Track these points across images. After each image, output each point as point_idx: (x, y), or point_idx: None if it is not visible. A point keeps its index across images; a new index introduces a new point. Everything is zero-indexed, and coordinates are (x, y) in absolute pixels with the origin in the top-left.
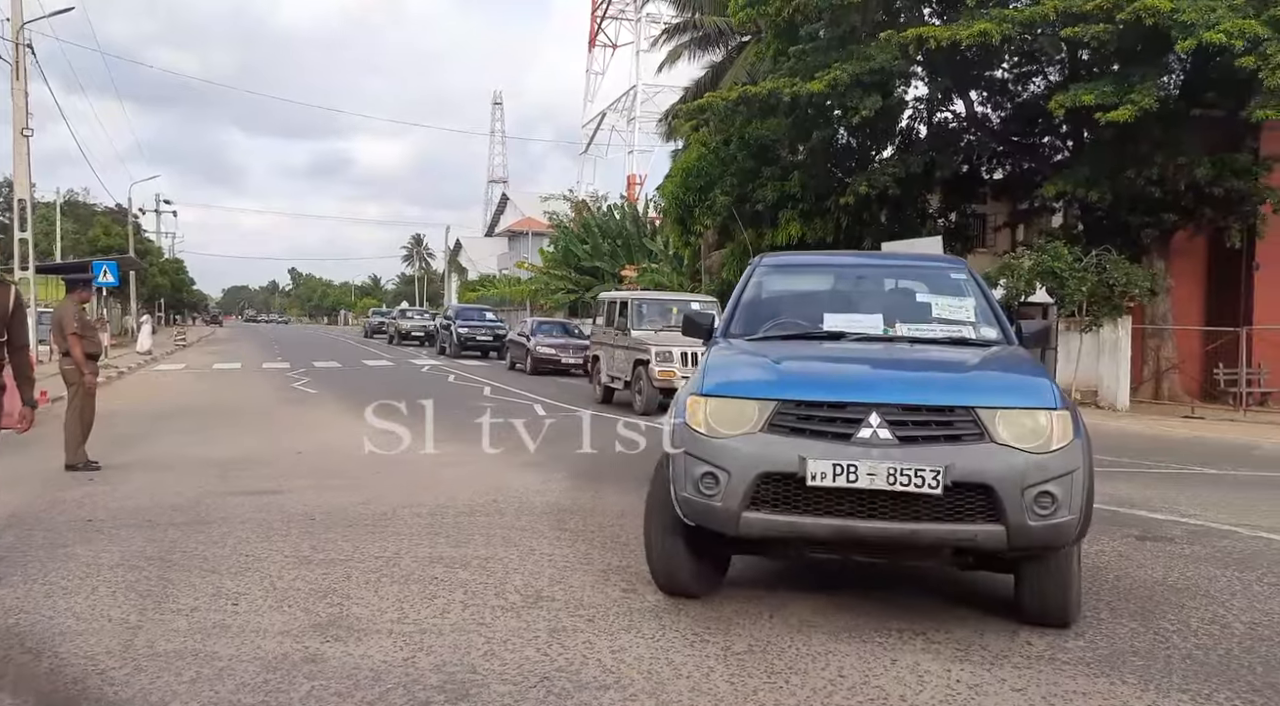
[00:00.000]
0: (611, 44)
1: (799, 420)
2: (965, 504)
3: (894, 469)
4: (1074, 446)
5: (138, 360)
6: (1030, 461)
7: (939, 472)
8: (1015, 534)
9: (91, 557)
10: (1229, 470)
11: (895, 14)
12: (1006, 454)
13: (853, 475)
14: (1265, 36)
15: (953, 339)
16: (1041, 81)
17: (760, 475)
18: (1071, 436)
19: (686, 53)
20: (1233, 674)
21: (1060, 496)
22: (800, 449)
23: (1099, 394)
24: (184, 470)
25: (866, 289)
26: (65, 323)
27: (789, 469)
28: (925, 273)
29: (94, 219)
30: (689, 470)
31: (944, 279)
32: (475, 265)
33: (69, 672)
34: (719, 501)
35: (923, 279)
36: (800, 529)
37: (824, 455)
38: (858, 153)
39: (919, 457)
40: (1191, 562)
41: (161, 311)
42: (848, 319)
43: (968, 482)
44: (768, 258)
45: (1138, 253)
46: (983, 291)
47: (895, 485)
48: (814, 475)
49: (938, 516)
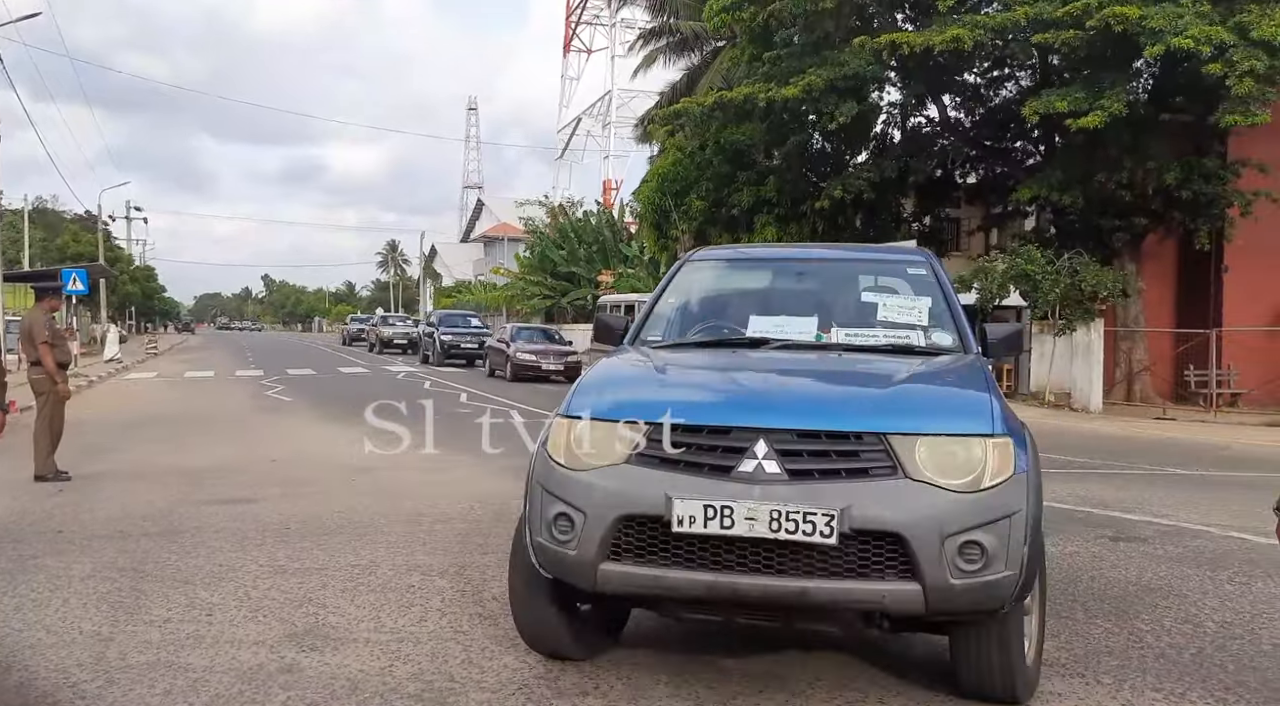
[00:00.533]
0: (586, 49)
1: (673, 448)
2: (869, 556)
3: (778, 512)
4: (1014, 484)
5: (108, 369)
6: (954, 502)
7: (833, 517)
8: (934, 594)
9: (62, 569)
10: (1200, 471)
11: (869, 20)
12: (924, 493)
13: (728, 519)
14: (1231, 43)
15: (895, 346)
16: (1014, 86)
17: (620, 518)
18: (1012, 470)
19: (662, 58)
20: (1205, 672)
21: (992, 547)
22: (669, 485)
23: (1072, 396)
24: (156, 479)
25: (806, 287)
26: (35, 332)
27: (653, 510)
28: (877, 268)
29: (63, 226)
30: (544, 510)
31: (898, 275)
32: (450, 271)
33: (39, 686)
34: (573, 549)
35: (873, 275)
36: (666, 585)
37: (695, 493)
38: (833, 157)
39: (811, 497)
40: (1164, 562)
41: (132, 319)
42: (777, 323)
43: (871, 530)
44: (700, 252)
45: (1109, 256)
46: (943, 290)
47: (780, 532)
48: (680, 519)
49: (835, 572)
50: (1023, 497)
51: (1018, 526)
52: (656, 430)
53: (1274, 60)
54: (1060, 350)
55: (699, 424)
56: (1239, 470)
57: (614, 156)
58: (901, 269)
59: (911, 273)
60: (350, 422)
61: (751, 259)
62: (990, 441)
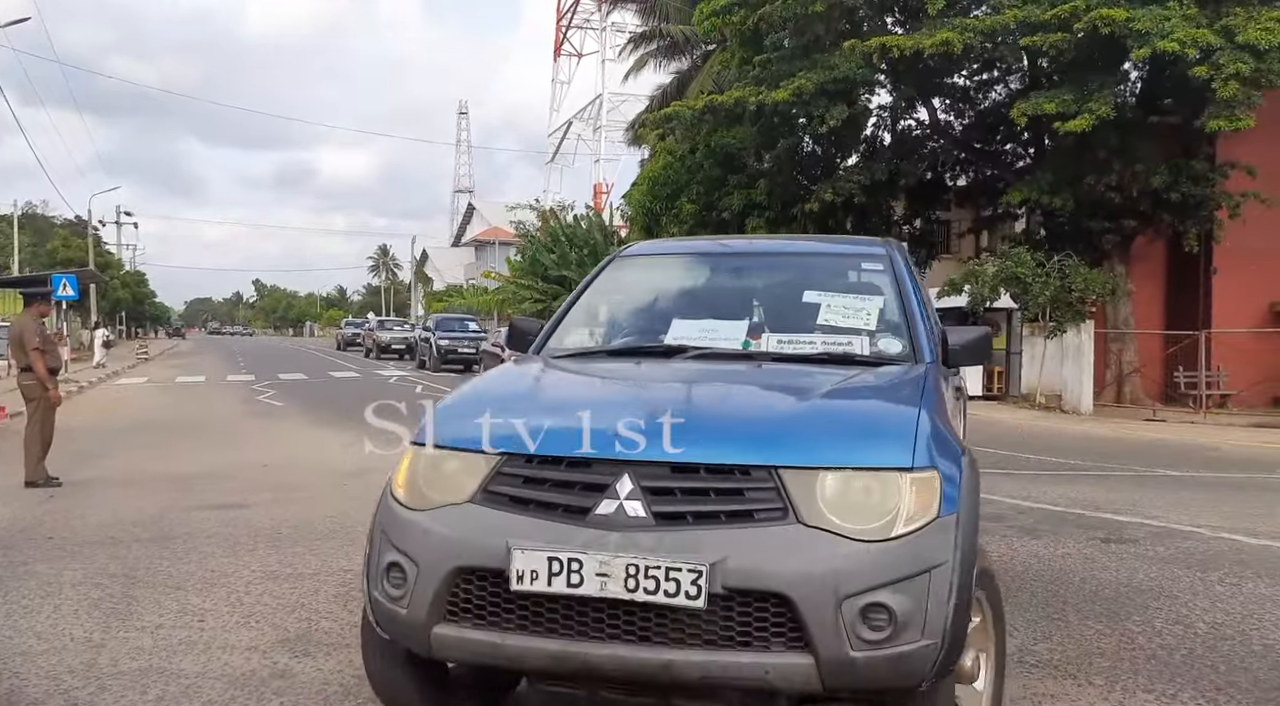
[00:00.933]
0: (577, 53)
1: (524, 484)
2: (750, 622)
3: (635, 567)
4: (936, 530)
5: (99, 374)
6: (857, 554)
7: (701, 574)
8: (830, 669)
9: (53, 575)
10: (1191, 472)
11: (858, 23)
12: (820, 542)
13: (575, 575)
14: (1217, 46)
15: (831, 355)
16: (1003, 89)
17: (456, 571)
18: (935, 513)
19: (652, 62)
20: (1197, 673)
21: (903, 611)
22: (513, 531)
23: (1063, 398)
24: (147, 485)
25: (743, 286)
26: (26, 337)
27: (493, 563)
28: (826, 262)
29: (53, 231)
30: (380, 557)
31: (850, 271)
32: (441, 275)
33: (30, 693)
34: (404, 607)
35: (821, 271)
36: (506, 654)
37: (540, 542)
38: (823, 160)
39: (679, 548)
40: (1155, 564)
41: (123, 324)
42: (702, 328)
43: (751, 589)
44: (634, 247)
45: (1099, 258)
46: (901, 288)
47: (637, 592)
48: (520, 574)
49: (708, 641)
50: (948, 547)
51: (940, 584)
52: (510, 461)
53: (1260, 63)
54: (1051, 352)
55: (558, 455)
56: (1229, 471)
57: (605, 160)
58: (855, 263)
59: (866, 268)
60: (341, 427)
61: (687, 253)
62: (908, 477)
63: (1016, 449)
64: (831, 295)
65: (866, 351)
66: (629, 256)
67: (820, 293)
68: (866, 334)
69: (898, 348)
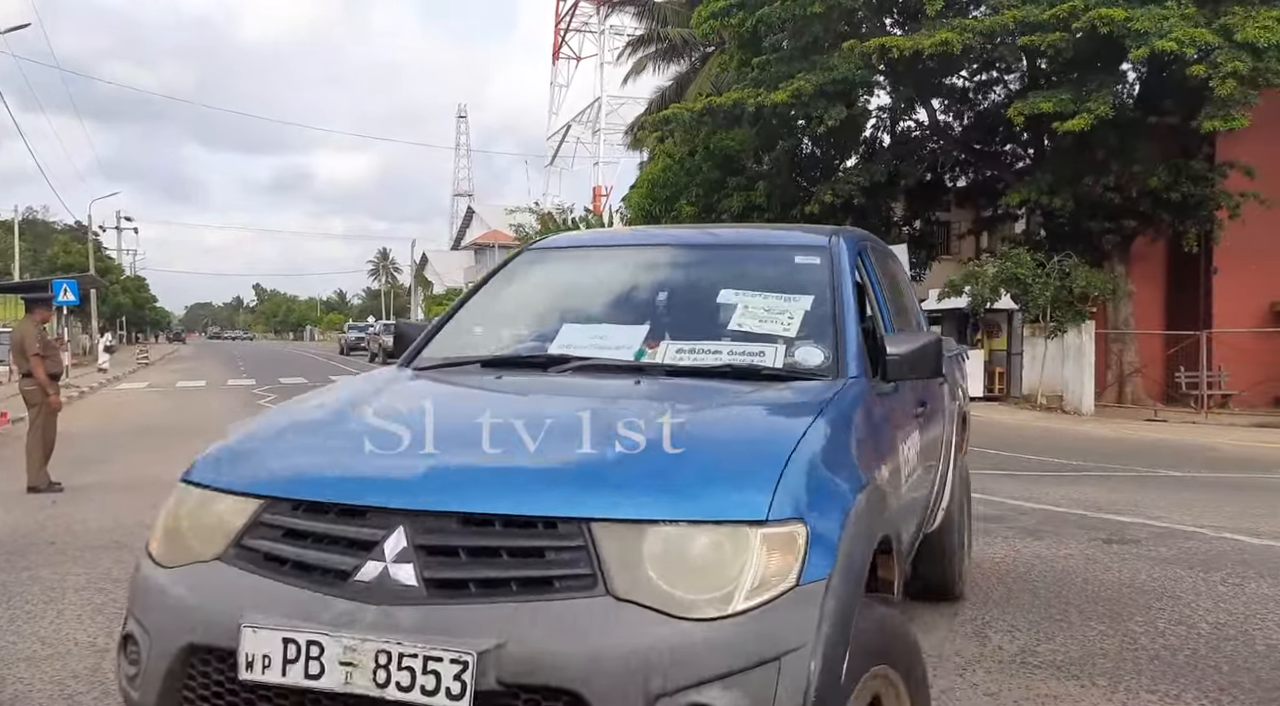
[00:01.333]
0: (575, 56)
1: (284, 538)
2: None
3: (388, 654)
4: (794, 603)
5: (100, 379)
6: (680, 638)
7: (466, 667)
8: None
9: (56, 580)
10: (1192, 472)
11: (857, 25)
12: (630, 621)
13: (315, 664)
14: (1215, 45)
15: (734, 368)
16: (1002, 90)
17: (189, 648)
18: (793, 580)
19: (651, 64)
20: (1200, 674)
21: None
22: (254, 599)
23: (1064, 399)
24: (149, 490)
25: (655, 283)
26: (27, 343)
27: (225, 641)
28: (757, 255)
29: (53, 237)
30: (124, 624)
31: (780, 267)
32: (442, 279)
33: (35, 699)
34: (137, 690)
35: (749, 265)
36: None
37: (277, 617)
38: (822, 162)
39: (448, 628)
40: (1158, 564)
41: (123, 329)
42: (595, 334)
43: (532, 685)
44: (547, 240)
45: (1099, 258)
46: (838, 287)
47: (388, 688)
48: (250, 659)
49: None
50: (809, 625)
51: (793, 675)
52: (273, 508)
53: (1257, 62)
54: (1051, 353)
55: (327, 501)
56: (1231, 471)
57: (604, 163)
58: (788, 256)
59: (800, 261)
60: None
61: (605, 245)
62: (759, 533)
63: (1018, 450)
64: (751, 295)
65: (779, 363)
66: (541, 249)
67: (739, 292)
68: (784, 342)
69: (818, 359)
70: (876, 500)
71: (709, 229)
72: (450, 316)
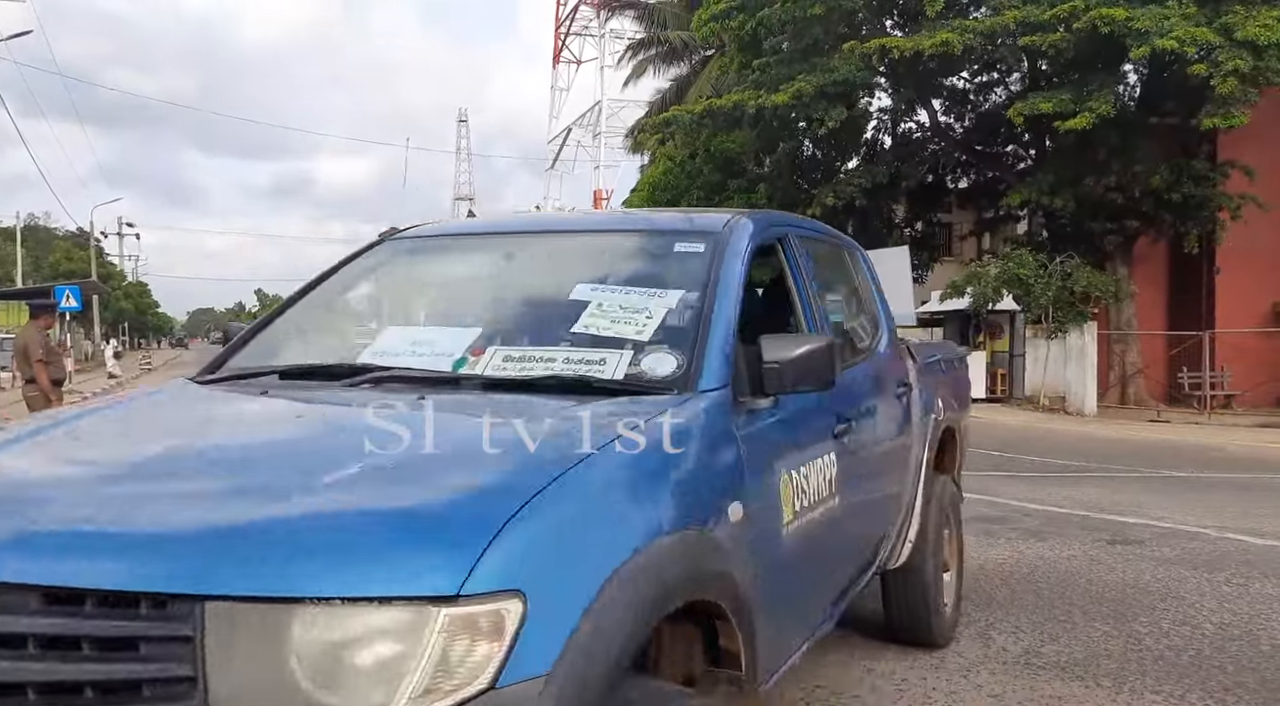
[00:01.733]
0: (576, 60)
1: None
2: None
3: None
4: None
5: (104, 385)
6: None
7: None
8: None
9: None
10: (1196, 473)
11: (857, 26)
12: None
13: None
14: (1216, 43)
15: (562, 380)
16: (1003, 91)
17: None
18: (491, 678)
19: (651, 67)
20: (1204, 674)
21: None
22: None
23: (1066, 400)
24: None
25: (504, 279)
26: (30, 349)
27: None
28: (634, 244)
29: (55, 243)
30: None
31: (656, 257)
32: None
33: None
34: None
35: (622, 256)
36: None
37: None
38: (823, 164)
39: None
40: (1161, 565)
41: (125, 335)
42: (414, 339)
43: None
44: (405, 230)
45: (1101, 259)
46: (718, 282)
47: None
48: None
49: None
50: None
51: None
52: None
53: (1258, 60)
54: (1054, 354)
55: None
56: (1234, 472)
57: (604, 166)
58: (667, 246)
59: (681, 250)
60: None
61: (466, 234)
62: (442, 614)
63: (1020, 451)
64: (608, 291)
65: (620, 373)
66: (394, 242)
67: (597, 287)
68: (633, 347)
69: (669, 367)
70: (700, 548)
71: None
72: (267, 321)
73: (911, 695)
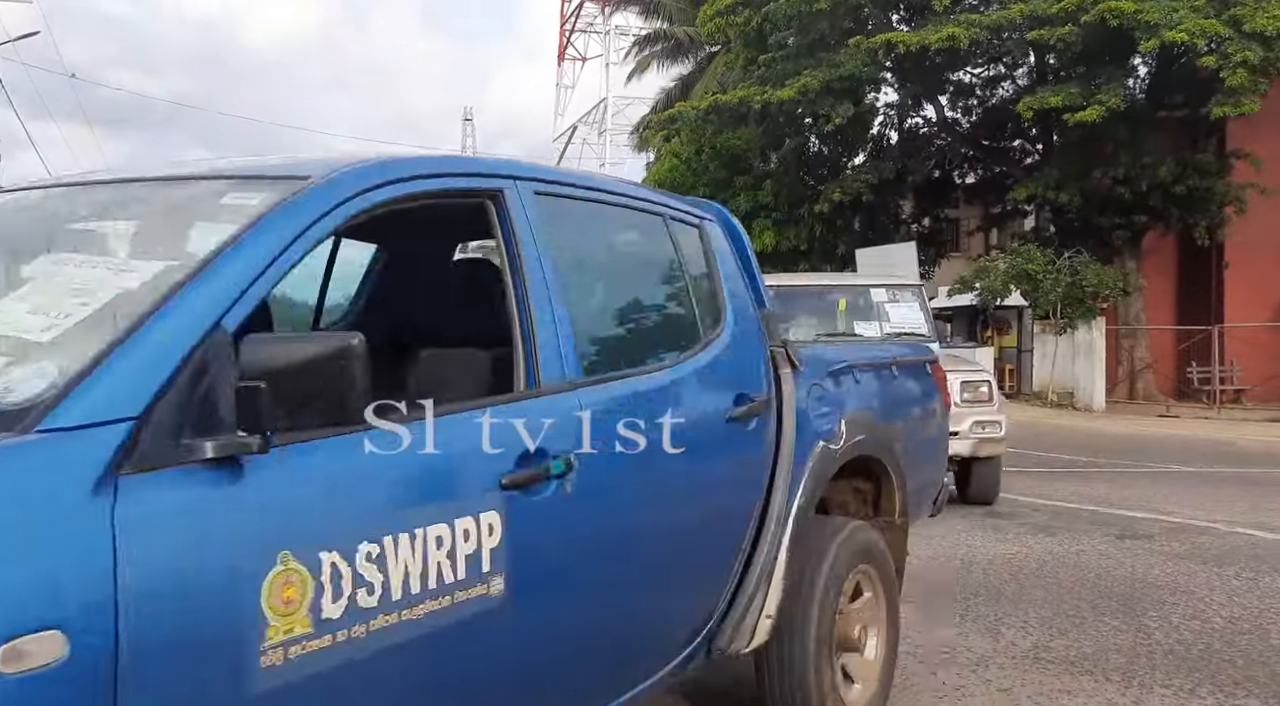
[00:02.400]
0: (581, 57)
1: None
2: None
3: None
4: None
5: None
6: None
7: None
8: None
9: None
10: (1205, 467)
11: (863, 21)
12: None
13: None
14: (1226, 35)
15: None
16: (1010, 86)
17: None
18: None
19: (656, 64)
20: (1214, 668)
21: None
22: None
23: (1075, 395)
24: None
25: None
26: None
27: None
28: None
29: None
30: None
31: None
32: None
33: None
34: None
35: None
36: None
37: None
38: (830, 160)
39: None
40: (1171, 559)
41: None
42: None
43: None
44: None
45: (1109, 254)
46: (240, 239)
47: None
48: None
49: None
50: None
51: None
52: None
53: (1268, 51)
54: (1062, 349)
55: None
56: (1243, 466)
57: (610, 164)
58: (212, 196)
59: (229, 203)
60: None
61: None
62: None
63: (1029, 446)
64: (66, 261)
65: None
66: None
67: (58, 254)
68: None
69: (36, 386)
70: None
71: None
72: None
73: (919, 689)
